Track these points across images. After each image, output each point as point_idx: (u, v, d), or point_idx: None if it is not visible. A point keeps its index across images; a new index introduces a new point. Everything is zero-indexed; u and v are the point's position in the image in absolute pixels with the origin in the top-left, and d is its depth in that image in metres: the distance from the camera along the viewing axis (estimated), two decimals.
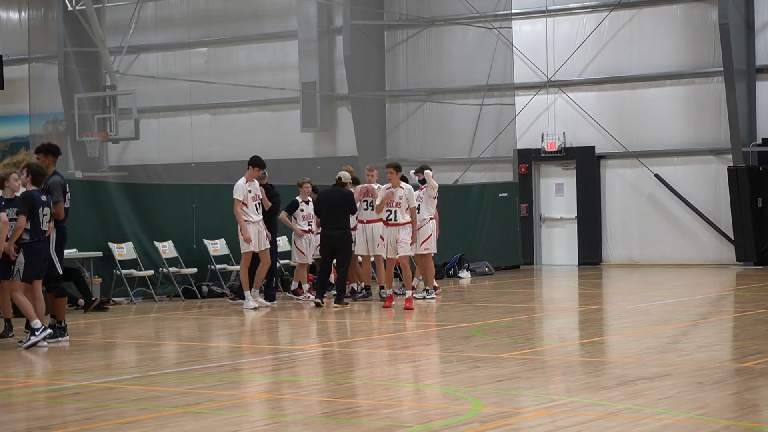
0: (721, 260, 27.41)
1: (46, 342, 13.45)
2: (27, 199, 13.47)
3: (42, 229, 13.52)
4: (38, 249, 13.49)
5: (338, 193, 18.37)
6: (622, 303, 19.03)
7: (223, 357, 13.01)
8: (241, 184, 18.18)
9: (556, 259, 29.36)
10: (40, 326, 13.45)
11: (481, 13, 29.79)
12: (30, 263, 13.43)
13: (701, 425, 8.21)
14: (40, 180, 13.69)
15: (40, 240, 13.49)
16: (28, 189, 13.63)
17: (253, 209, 18.14)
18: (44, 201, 13.58)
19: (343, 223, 18.33)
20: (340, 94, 31.69)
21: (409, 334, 15.01)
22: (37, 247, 13.47)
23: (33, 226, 13.40)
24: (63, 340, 13.89)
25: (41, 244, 13.52)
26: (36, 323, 13.43)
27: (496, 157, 29.99)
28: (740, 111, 26.69)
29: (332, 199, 18.28)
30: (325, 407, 9.45)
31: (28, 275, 13.47)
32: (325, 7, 31.58)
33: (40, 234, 13.49)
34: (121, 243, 19.85)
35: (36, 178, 13.66)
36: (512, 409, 9.12)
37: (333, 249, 18.33)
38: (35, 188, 13.63)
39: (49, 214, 13.66)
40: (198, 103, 32.83)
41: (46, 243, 13.63)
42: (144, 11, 33.46)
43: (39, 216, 13.47)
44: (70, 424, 8.82)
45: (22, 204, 13.45)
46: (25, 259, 13.42)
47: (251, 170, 18.32)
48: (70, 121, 31.63)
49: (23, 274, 13.46)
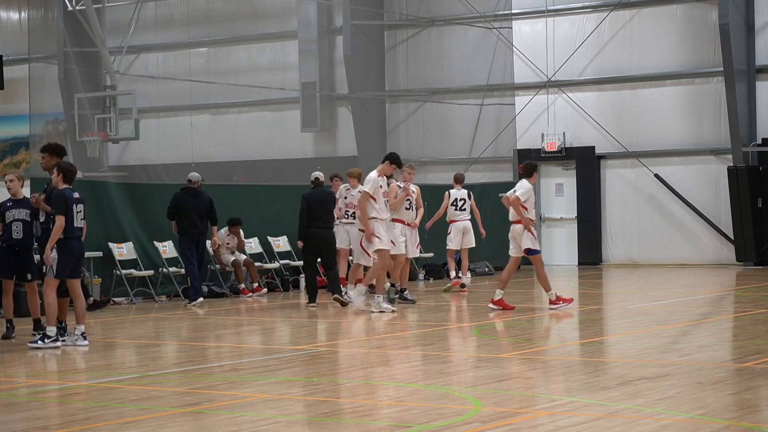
0: (721, 260, 27.42)
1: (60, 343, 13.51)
2: (60, 197, 13.49)
3: (75, 226, 13.54)
4: (71, 246, 13.50)
5: (322, 193, 18.62)
6: (622, 303, 19.02)
7: (223, 357, 13.01)
8: (373, 177, 17.23)
9: (556, 259, 29.35)
10: (53, 335, 13.46)
11: (481, 13, 29.80)
12: (63, 259, 13.45)
13: (701, 425, 8.21)
14: (71, 177, 13.69)
15: (73, 237, 13.51)
16: (60, 188, 13.65)
17: (382, 206, 17.35)
18: (77, 198, 13.61)
19: (329, 223, 18.56)
20: (340, 94, 31.69)
21: (409, 334, 15.00)
22: (70, 243, 13.49)
23: (67, 223, 13.43)
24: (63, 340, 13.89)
25: (74, 241, 13.54)
26: (51, 330, 13.45)
27: (496, 157, 30.00)
28: (740, 111, 26.70)
29: (317, 199, 18.46)
30: (325, 407, 9.45)
31: (61, 272, 13.49)
32: (325, 7, 31.58)
33: (74, 231, 13.52)
34: (121, 243, 19.87)
35: (67, 175, 13.67)
36: (512, 409, 9.12)
37: (319, 248, 18.44)
38: (67, 186, 13.63)
39: (83, 212, 13.68)
40: (198, 103, 32.84)
41: (79, 240, 13.66)
42: (144, 11, 33.47)
43: (73, 213, 13.49)
44: (70, 424, 8.82)
45: (57, 203, 13.47)
46: (58, 255, 13.46)
47: (386, 165, 17.33)
48: (70, 121, 31.64)
49: (56, 271, 13.48)
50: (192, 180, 19.52)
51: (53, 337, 13.47)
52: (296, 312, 18.31)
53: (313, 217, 18.36)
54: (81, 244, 13.76)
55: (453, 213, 21.05)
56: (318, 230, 18.36)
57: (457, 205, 21.05)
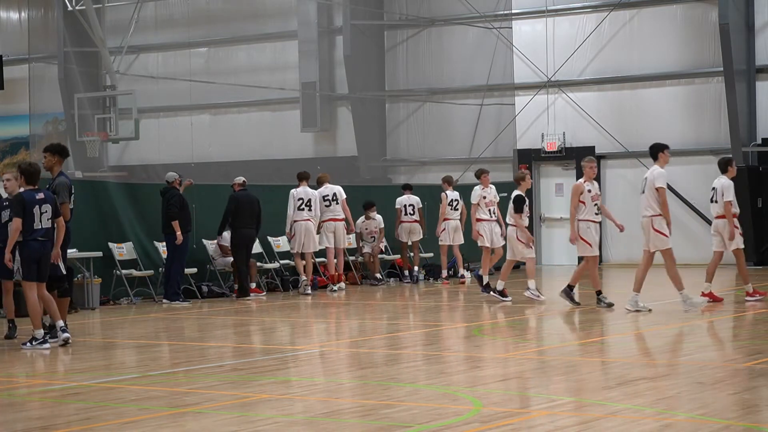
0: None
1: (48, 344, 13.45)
2: (18, 200, 13.43)
3: (35, 228, 13.37)
4: (30, 247, 13.37)
5: (247, 196, 20.30)
6: (622, 303, 19.01)
7: (224, 357, 13.01)
8: (663, 172, 16.70)
9: (556, 259, 29.35)
10: (40, 337, 13.43)
11: (481, 13, 29.80)
12: (24, 261, 13.38)
13: (701, 425, 8.21)
14: (33, 178, 13.54)
15: (34, 239, 13.39)
16: (23, 190, 13.58)
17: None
18: (40, 199, 13.46)
19: (254, 224, 20.33)
20: (340, 94, 31.69)
21: (409, 334, 15.00)
22: (28, 245, 13.38)
23: (25, 225, 13.33)
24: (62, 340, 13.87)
25: (34, 242, 13.39)
26: (38, 333, 13.42)
27: (496, 157, 29.99)
28: (740, 111, 26.70)
29: (243, 201, 20.19)
30: (325, 407, 9.45)
31: (25, 274, 13.43)
32: (325, 7, 31.58)
33: (34, 233, 13.37)
34: (121, 243, 19.86)
35: (28, 177, 13.54)
36: (512, 409, 9.12)
37: (246, 247, 20.26)
38: (31, 187, 13.53)
39: (50, 212, 13.54)
40: (198, 103, 32.84)
41: (40, 242, 13.41)
42: (144, 11, 33.46)
43: (33, 215, 13.38)
44: (70, 424, 8.82)
45: (14, 206, 13.42)
46: (20, 257, 13.41)
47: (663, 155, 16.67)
48: (70, 121, 31.63)
49: (22, 273, 13.45)
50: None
51: (40, 339, 13.43)
52: (296, 312, 18.32)
53: (241, 217, 20.07)
54: (43, 245, 13.44)
55: (448, 212, 23.14)
56: (245, 230, 20.11)
57: (452, 205, 23.19)
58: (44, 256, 13.50)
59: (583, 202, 17.38)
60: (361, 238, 23.72)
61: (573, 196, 17.39)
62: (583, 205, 17.39)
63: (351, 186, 25.65)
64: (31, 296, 13.39)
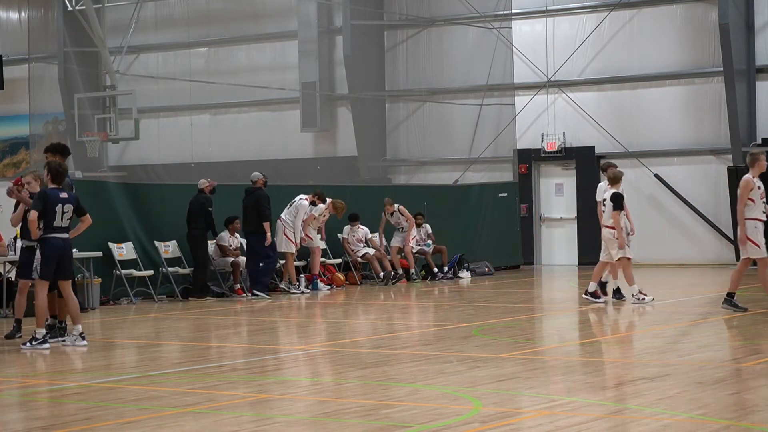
0: (720, 260, 27.40)
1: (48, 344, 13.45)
2: (41, 195, 13.46)
3: (56, 226, 13.41)
4: (51, 243, 13.41)
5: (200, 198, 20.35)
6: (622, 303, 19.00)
7: (224, 357, 13.01)
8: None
9: (556, 259, 29.35)
10: (41, 337, 13.42)
11: (481, 13, 29.79)
12: (44, 259, 13.42)
13: (701, 425, 8.21)
14: (59, 178, 13.61)
15: (54, 237, 13.46)
16: (48, 187, 13.63)
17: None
18: (63, 198, 13.52)
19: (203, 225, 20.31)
20: (340, 94, 31.69)
21: (409, 334, 15.00)
22: (49, 242, 13.43)
23: (46, 222, 13.38)
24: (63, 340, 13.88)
25: (55, 240, 13.45)
26: (39, 332, 13.42)
27: (496, 157, 29.99)
28: (740, 111, 26.70)
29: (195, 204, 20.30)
30: (325, 407, 9.45)
31: (42, 272, 13.46)
32: (325, 7, 31.58)
33: (54, 230, 13.44)
34: (121, 243, 19.86)
35: (55, 176, 13.60)
36: (512, 409, 9.12)
37: None
38: (55, 186, 13.58)
39: (71, 212, 13.59)
40: (198, 103, 32.83)
41: (60, 240, 13.45)
42: (144, 11, 33.46)
43: (55, 213, 13.42)
44: (70, 424, 8.82)
45: (36, 200, 13.46)
46: (40, 255, 13.45)
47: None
48: (70, 121, 31.61)
49: (39, 271, 13.47)
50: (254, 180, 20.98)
51: (40, 339, 13.43)
52: (296, 312, 18.31)
53: (191, 219, 20.25)
54: (64, 243, 13.48)
55: None
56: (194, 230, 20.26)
57: None
58: (65, 253, 13.55)
59: (752, 199, 15.65)
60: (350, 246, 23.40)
61: (742, 192, 15.58)
62: (752, 203, 15.65)
63: (351, 186, 25.68)
64: (41, 294, 13.42)
